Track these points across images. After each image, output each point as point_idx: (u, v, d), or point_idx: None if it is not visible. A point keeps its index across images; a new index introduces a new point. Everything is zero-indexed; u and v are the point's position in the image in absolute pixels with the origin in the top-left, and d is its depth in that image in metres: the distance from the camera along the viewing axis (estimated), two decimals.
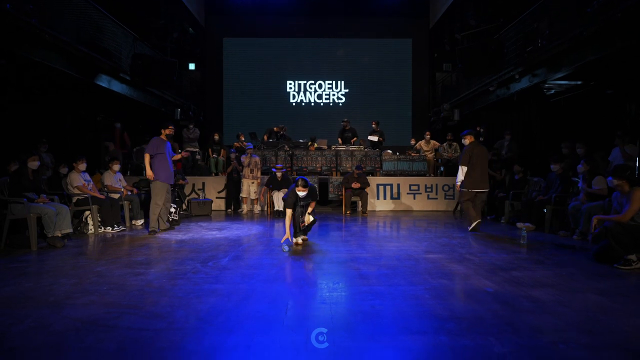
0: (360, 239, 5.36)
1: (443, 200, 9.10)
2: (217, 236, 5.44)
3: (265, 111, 13.82)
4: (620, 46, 5.71)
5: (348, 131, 10.25)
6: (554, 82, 7.80)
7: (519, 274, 3.45)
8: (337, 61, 14.21)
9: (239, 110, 14.05)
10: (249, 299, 2.77)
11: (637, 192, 3.72)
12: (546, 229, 5.93)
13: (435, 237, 5.41)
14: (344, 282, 3.24)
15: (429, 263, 3.87)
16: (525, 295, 2.87)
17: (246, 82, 14.10)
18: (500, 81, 8.99)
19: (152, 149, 5.30)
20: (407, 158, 9.60)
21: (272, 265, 3.75)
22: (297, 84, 14.29)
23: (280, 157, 9.38)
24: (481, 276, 3.38)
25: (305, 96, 14.30)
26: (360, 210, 8.49)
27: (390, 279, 3.30)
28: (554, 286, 3.11)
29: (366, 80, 14.20)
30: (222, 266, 3.70)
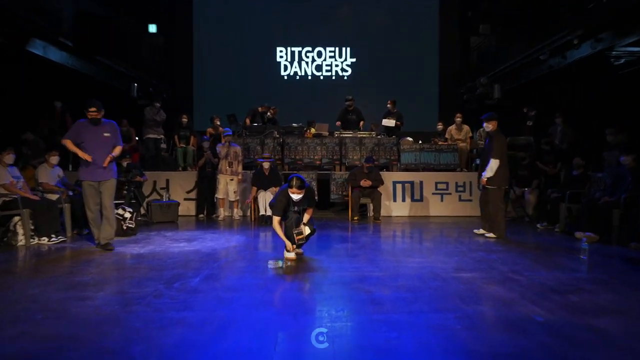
0: (371, 252, 5.35)
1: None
2: (186, 249, 5.43)
3: (248, 87, 13.81)
4: None
5: (352, 113, 10.23)
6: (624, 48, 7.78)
7: (578, 298, 3.45)
8: (342, 22, 14.18)
9: (214, 86, 14.05)
10: (227, 330, 2.77)
11: None
12: (614, 239, 5.92)
13: (469, 251, 5.41)
14: (350, 309, 3.24)
15: (460, 284, 3.87)
16: (585, 326, 2.87)
17: (223, 50, 14.09)
18: (554, 48, 8.99)
19: (72, 134, 5.24)
20: (433, 148, 9.60)
21: (258, 287, 3.74)
22: (290, 52, 14.28)
23: (267, 146, 9.38)
24: (528, 301, 3.38)
25: (301, 68, 14.29)
26: (372, 216, 8.50)
27: (410, 304, 3.29)
28: (623, 314, 3.10)
29: (379, 47, 14.19)
30: (192, 288, 3.69)
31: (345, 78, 14.28)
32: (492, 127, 5.99)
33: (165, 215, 7.97)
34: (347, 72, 14.30)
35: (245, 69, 14.10)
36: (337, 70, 14.31)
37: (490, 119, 5.90)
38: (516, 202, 8.46)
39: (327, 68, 14.30)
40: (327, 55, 14.29)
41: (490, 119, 5.89)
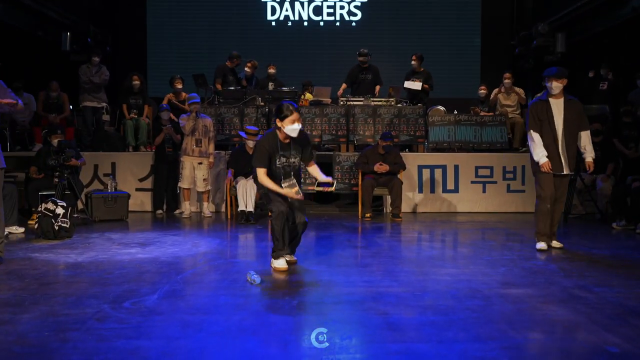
0: (388, 261, 5.36)
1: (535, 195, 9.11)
2: (139, 257, 5.43)
3: (223, 38, 13.72)
4: None
5: (367, 71, 10.20)
6: None
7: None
8: None
9: (177, 37, 13.95)
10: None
11: None
12: None
13: (520, 260, 5.43)
14: (359, 336, 3.25)
15: (508, 303, 3.89)
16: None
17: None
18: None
19: None
20: (473, 120, 9.59)
21: (235, 308, 3.75)
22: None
23: (249, 117, 9.36)
24: (600, 326, 3.39)
25: (294, 10, 14.18)
26: (390, 212, 8.52)
27: (440, 330, 3.31)
28: None
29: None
30: (149, 308, 3.69)
31: (354, 24, 14.17)
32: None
33: (111, 211, 7.97)
34: (355, 16, 14.19)
35: (218, 13, 13.98)
36: (343, 14, 14.18)
37: (561, 75, 5.73)
38: (585, 193, 8.47)
39: (329, 11, 14.18)
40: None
41: (561, 76, 5.73)
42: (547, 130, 5.70)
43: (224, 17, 13.98)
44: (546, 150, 5.66)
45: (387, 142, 8.29)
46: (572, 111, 5.73)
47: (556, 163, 5.65)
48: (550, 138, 5.68)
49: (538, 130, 5.72)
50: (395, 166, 8.32)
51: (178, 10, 13.96)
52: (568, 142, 5.73)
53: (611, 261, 5.42)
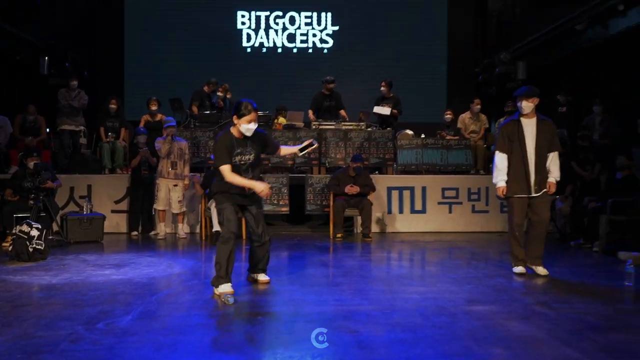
0: (359, 280, 5.37)
1: (499, 215, 9.24)
2: (114, 278, 5.35)
3: (199, 63, 13.70)
4: None
5: (331, 98, 10.26)
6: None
7: (623, 338, 3.54)
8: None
9: (153, 63, 13.90)
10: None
11: None
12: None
13: (485, 277, 5.48)
14: (330, 355, 3.23)
15: (473, 320, 3.92)
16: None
17: (166, 14, 13.96)
18: (594, 15, 9.20)
19: None
20: (440, 144, 9.71)
21: (209, 328, 3.72)
22: (255, 18, 14.24)
23: None
24: (560, 341, 3.44)
25: (268, 37, 14.26)
26: (360, 232, 8.53)
27: (408, 348, 3.32)
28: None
29: (369, 13, 14.26)
30: (123, 329, 3.64)
31: (326, 51, 14.30)
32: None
33: (86, 233, 7.86)
34: (327, 43, 14.31)
35: (195, 39, 13.95)
36: (315, 41, 14.30)
37: (531, 94, 5.43)
38: None
39: (302, 38, 14.29)
40: (303, 22, 14.29)
41: (531, 95, 5.43)
42: (517, 150, 5.42)
43: (201, 43, 13.95)
44: (515, 171, 5.41)
45: (358, 163, 8.34)
46: (544, 132, 5.45)
47: (523, 185, 5.39)
48: (520, 159, 5.40)
49: (506, 151, 5.47)
50: (366, 188, 8.37)
51: (155, 35, 13.90)
52: (539, 163, 5.41)
53: (570, 279, 5.50)
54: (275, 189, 8.84)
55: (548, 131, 5.47)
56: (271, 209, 8.85)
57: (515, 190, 5.42)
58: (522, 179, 5.39)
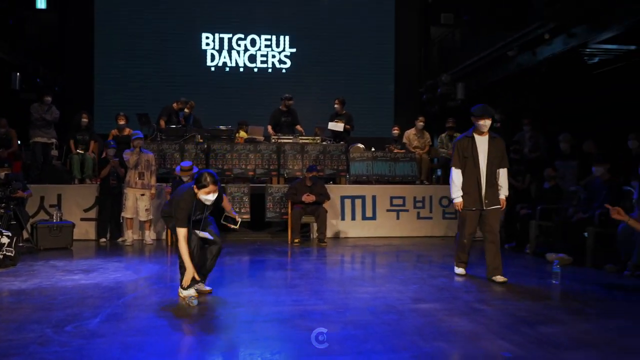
0: (314, 282, 5.37)
1: (441, 221, 9.40)
2: (83, 282, 5.21)
3: (166, 80, 13.54)
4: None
5: (287, 114, 10.27)
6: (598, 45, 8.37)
7: (550, 330, 3.63)
8: (280, 6, 14.27)
9: (122, 80, 13.65)
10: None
11: None
12: (588, 261, 6.29)
13: (429, 278, 5.56)
14: (287, 351, 3.23)
15: (418, 317, 3.97)
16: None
17: (134, 34, 13.74)
18: (524, 43, 9.51)
19: None
20: (388, 156, 9.82)
21: (174, 328, 3.66)
22: (219, 39, 14.17)
23: (189, 153, 9.23)
24: (496, 335, 3.52)
25: (231, 58, 14.21)
26: (316, 238, 8.54)
27: (360, 343, 3.33)
28: (597, 346, 3.31)
29: (324, 37, 14.38)
30: (91, 331, 3.55)
31: (284, 71, 14.34)
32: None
33: (56, 240, 7.62)
34: (285, 64, 14.36)
35: (161, 58, 13.79)
36: (274, 62, 14.33)
37: (491, 113, 5.37)
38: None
39: (262, 59, 14.29)
40: (263, 44, 14.30)
41: (492, 114, 5.38)
42: (470, 166, 5.30)
43: (168, 61, 13.81)
44: (469, 186, 5.30)
45: (313, 172, 8.36)
46: (495, 148, 5.35)
47: (476, 199, 5.29)
48: (473, 174, 5.29)
49: (461, 167, 5.36)
50: (321, 197, 8.38)
51: (124, 53, 13.67)
52: (490, 178, 5.31)
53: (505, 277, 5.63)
54: (237, 197, 8.79)
55: (499, 149, 5.38)
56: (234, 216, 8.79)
57: (468, 204, 5.32)
58: (475, 193, 5.29)
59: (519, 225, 7.74)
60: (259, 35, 14.27)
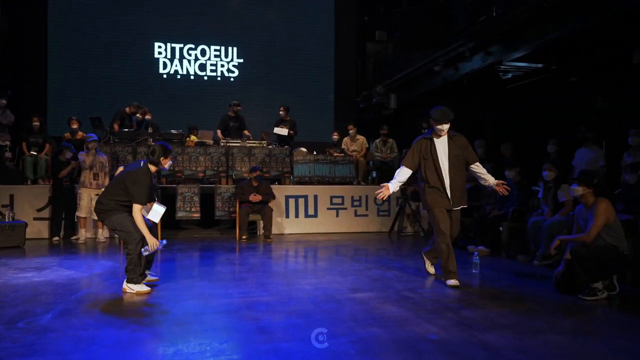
0: (260, 275, 5.35)
1: (376, 218, 9.56)
2: (35, 280, 4.97)
3: (119, 86, 13.08)
4: (588, 23, 6.65)
5: (236, 120, 10.19)
6: (511, 63, 8.77)
7: (470, 314, 3.78)
8: (229, 19, 14.13)
9: (76, 83, 13.09)
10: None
11: (602, 204, 4.34)
12: (502, 252, 6.58)
13: (365, 269, 5.65)
14: (235, 340, 3.20)
15: (355, 305, 4.03)
16: (477, 342, 3.15)
17: (88, 40, 13.21)
18: (448, 59, 9.82)
19: None
20: (328, 159, 9.89)
21: (127, 322, 3.55)
22: (170, 48, 13.86)
23: (140, 155, 8.97)
24: (423, 319, 3.62)
25: (182, 66, 13.93)
26: (262, 234, 8.50)
27: (302, 330, 3.35)
28: (510, 327, 3.47)
29: (269, 49, 14.33)
30: (43, 327, 3.40)
31: (232, 80, 14.19)
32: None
33: (8, 239, 7.22)
34: (234, 73, 14.20)
35: (115, 64, 13.31)
36: (223, 71, 14.14)
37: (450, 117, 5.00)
38: (412, 217, 9.04)
39: (211, 68, 14.08)
40: (212, 54, 14.10)
41: (451, 119, 5.01)
42: (431, 167, 4.86)
43: (122, 68, 13.36)
44: (433, 187, 4.82)
45: (256, 172, 8.34)
46: (456, 147, 4.93)
47: (444, 200, 4.81)
48: (436, 175, 4.84)
49: (409, 166, 4.93)
50: (267, 196, 8.35)
51: (78, 58, 13.09)
52: (454, 178, 4.85)
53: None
54: (188, 197, 8.63)
55: (459, 146, 4.95)
56: (184, 215, 8.64)
57: (439, 203, 4.81)
58: (442, 193, 4.81)
59: None
60: (208, 45, 14.05)
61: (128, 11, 13.50)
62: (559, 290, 4.50)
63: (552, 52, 8.04)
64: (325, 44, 14.74)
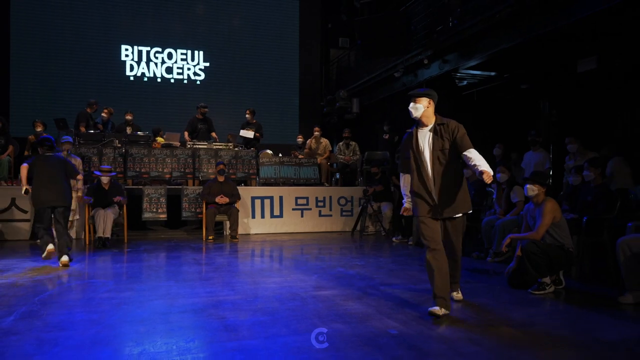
0: (227, 274, 5.29)
1: (339, 218, 9.61)
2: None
3: (85, 87, 12.71)
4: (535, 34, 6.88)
5: (203, 122, 10.08)
6: (467, 71, 8.98)
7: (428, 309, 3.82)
8: (195, 23, 13.95)
9: (39, 84, 12.64)
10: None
11: (549, 204, 4.49)
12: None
13: (329, 268, 5.66)
14: (201, 339, 3.15)
15: (319, 302, 4.03)
16: (434, 336, 3.20)
17: (52, 42, 12.79)
18: (408, 65, 9.98)
19: None
20: (293, 161, 9.89)
21: (91, 323, 3.43)
22: (137, 51, 13.56)
23: (107, 157, 8.74)
24: (384, 315, 3.65)
25: (149, 69, 13.65)
26: (229, 234, 8.41)
27: (267, 328, 3.33)
28: (465, 321, 3.53)
29: (235, 53, 14.24)
30: (4, 330, 3.26)
31: (198, 83, 14.01)
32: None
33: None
34: (200, 76, 14.02)
35: (80, 66, 12.95)
36: (190, 74, 13.95)
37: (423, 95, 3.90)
38: (374, 216, 9.12)
39: (178, 71, 13.87)
40: (179, 57, 13.88)
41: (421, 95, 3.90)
42: (414, 167, 3.82)
43: (87, 70, 13.01)
44: (417, 190, 3.80)
45: (220, 166, 8.30)
46: (441, 138, 3.76)
47: (428, 206, 3.76)
48: (420, 176, 3.80)
49: (403, 170, 3.98)
50: (233, 197, 8.27)
51: (42, 58, 12.67)
52: (439, 178, 3.74)
53: (392, 265, 5.86)
54: (155, 198, 8.48)
55: (446, 137, 3.76)
56: (151, 216, 8.47)
57: (422, 210, 3.77)
58: (425, 198, 3.78)
59: (404, 221, 8.08)
60: (175, 49, 13.85)
61: (94, 13, 13.17)
62: (511, 285, 4.64)
63: (503, 61, 8.28)
64: (290, 49, 14.75)
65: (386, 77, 11.06)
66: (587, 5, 6.06)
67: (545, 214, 4.46)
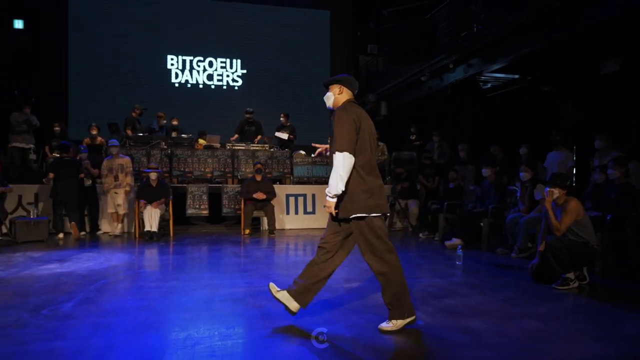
0: (264, 266, 5.34)
1: None
2: (58, 271, 4.95)
3: (134, 94, 13.04)
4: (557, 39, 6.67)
5: (251, 124, 10.25)
6: (490, 74, 8.78)
7: (454, 302, 3.77)
8: (233, 34, 14.14)
9: (94, 92, 13.07)
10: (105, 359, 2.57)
11: (572, 203, 4.35)
12: (483, 246, 6.57)
13: (357, 261, 5.59)
14: (241, 325, 3.19)
15: (349, 294, 4.03)
16: (460, 328, 3.15)
17: (106, 54, 13.20)
18: (433, 70, 9.83)
19: None
20: (325, 161, 9.89)
21: (141, 309, 3.53)
22: (182, 60, 13.86)
23: (154, 157, 8.95)
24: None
25: (192, 76, 13.94)
26: (267, 229, 8.49)
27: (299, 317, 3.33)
28: (490, 314, 3.46)
29: (270, 61, 14.37)
30: (64, 314, 3.38)
31: (236, 88, 14.22)
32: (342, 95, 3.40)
33: (33, 233, 7.18)
34: (238, 82, 14.23)
35: (130, 75, 13.35)
36: (229, 81, 14.18)
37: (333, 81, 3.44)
38: (401, 213, 9.03)
39: (218, 78, 14.13)
40: (219, 65, 14.13)
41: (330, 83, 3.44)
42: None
43: (137, 78, 13.42)
44: None
45: (257, 165, 8.35)
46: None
47: None
48: None
49: None
50: (269, 195, 8.33)
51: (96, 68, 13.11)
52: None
53: (418, 260, 5.81)
54: (197, 195, 8.62)
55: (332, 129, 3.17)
56: (194, 212, 8.62)
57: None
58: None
59: (430, 218, 7.99)
60: (215, 58, 14.10)
61: (143, 27, 13.52)
62: (534, 280, 4.52)
63: (526, 64, 8.07)
64: (322, 56, 14.80)
65: (413, 81, 10.92)
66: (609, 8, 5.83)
67: (568, 212, 4.32)
